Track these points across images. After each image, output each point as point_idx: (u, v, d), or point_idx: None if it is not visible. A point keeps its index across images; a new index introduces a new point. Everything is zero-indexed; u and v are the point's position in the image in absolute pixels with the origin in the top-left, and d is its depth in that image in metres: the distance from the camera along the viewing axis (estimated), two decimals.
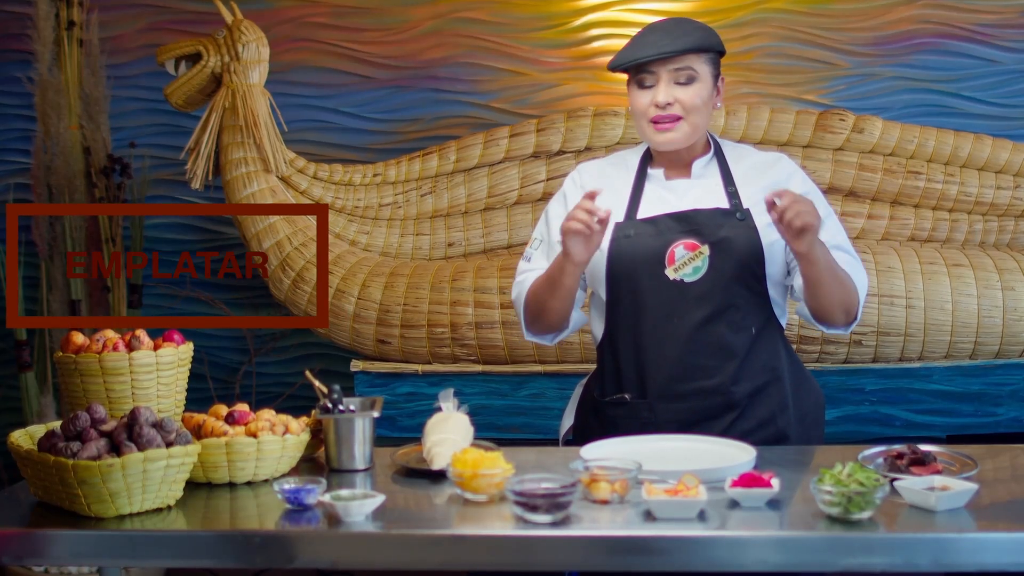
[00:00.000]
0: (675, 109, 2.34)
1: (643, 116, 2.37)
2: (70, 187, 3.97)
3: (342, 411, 2.18)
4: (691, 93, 2.35)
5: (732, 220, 2.34)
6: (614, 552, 1.79)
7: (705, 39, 2.37)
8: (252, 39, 3.62)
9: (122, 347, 2.19)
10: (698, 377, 2.30)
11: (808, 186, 2.44)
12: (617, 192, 2.44)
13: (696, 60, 2.36)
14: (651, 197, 2.42)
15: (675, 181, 2.44)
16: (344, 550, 1.83)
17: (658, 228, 2.35)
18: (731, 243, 2.32)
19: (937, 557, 1.74)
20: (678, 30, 2.36)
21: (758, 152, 2.52)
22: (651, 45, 2.33)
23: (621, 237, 2.36)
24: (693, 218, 2.34)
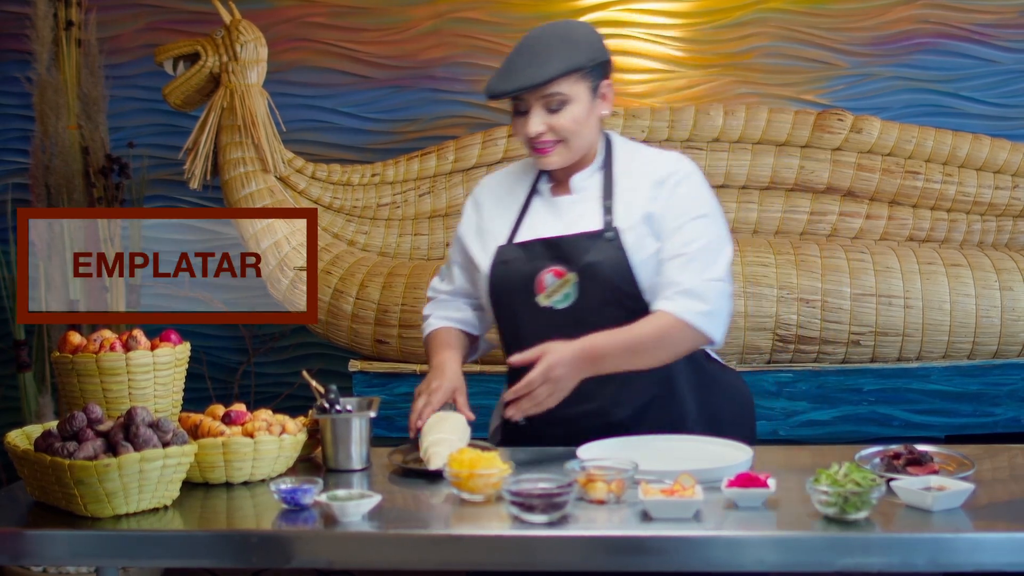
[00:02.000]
0: (548, 136, 2.27)
1: (522, 139, 2.31)
2: (68, 187, 3.97)
3: (339, 411, 2.18)
4: (564, 118, 2.26)
5: (600, 242, 2.26)
6: (610, 552, 1.78)
7: (570, 61, 2.24)
8: (250, 39, 3.62)
9: (119, 347, 2.19)
10: (579, 401, 2.23)
11: (687, 181, 2.32)
12: (506, 209, 2.40)
13: (565, 83, 2.24)
14: (533, 218, 2.36)
15: (559, 198, 2.37)
16: (340, 550, 1.83)
17: (529, 255, 2.30)
18: (598, 267, 2.25)
19: (933, 557, 1.74)
20: (544, 53, 2.23)
21: (651, 154, 2.41)
22: (516, 73, 2.23)
23: (499, 263, 2.33)
24: (559, 244, 2.28)
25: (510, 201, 2.41)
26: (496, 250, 2.34)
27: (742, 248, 3.50)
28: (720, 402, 2.40)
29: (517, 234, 2.35)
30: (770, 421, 3.40)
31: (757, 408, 3.37)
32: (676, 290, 2.23)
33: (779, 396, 3.40)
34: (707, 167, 3.72)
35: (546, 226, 2.34)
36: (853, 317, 3.41)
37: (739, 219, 3.72)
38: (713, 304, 2.24)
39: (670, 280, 2.24)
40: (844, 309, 3.40)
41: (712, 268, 2.26)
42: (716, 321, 2.25)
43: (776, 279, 3.41)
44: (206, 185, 3.70)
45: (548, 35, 2.28)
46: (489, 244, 2.37)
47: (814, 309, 3.40)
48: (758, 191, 3.75)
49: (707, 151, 3.74)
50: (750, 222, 3.72)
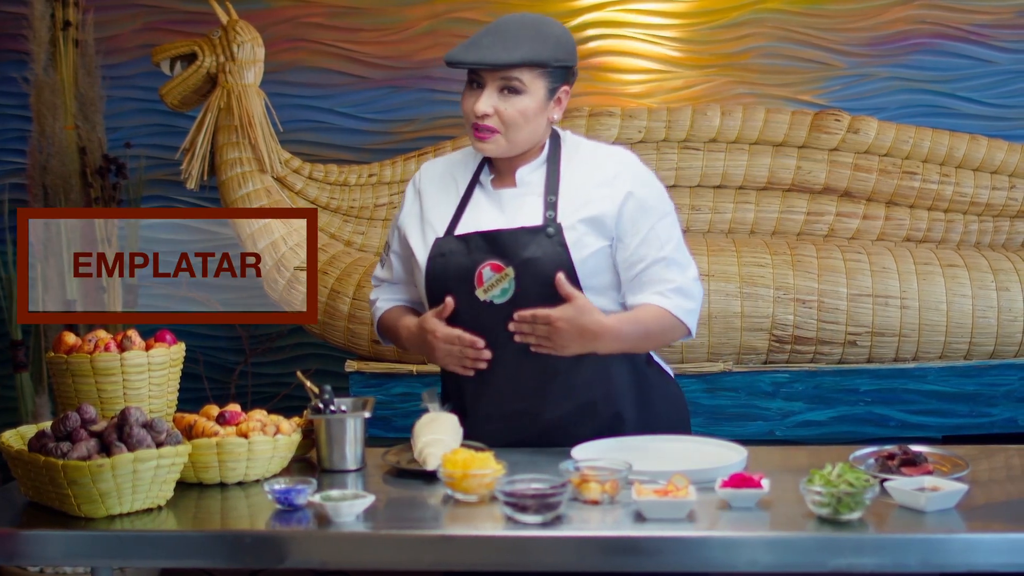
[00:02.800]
0: (492, 121, 2.26)
1: (467, 119, 2.31)
2: (66, 187, 3.97)
3: (333, 411, 2.18)
4: (514, 107, 2.25)
5: (540, 238, 2.26)
6: (604, 552, 1.79)
7: (536, 53, 2.24)
8: (247, 39, 3.62)
9: (114, 347, 2.19)
10: (514, 399, 2.25)
11: (639, 183, 2.33)
12: (447, 199, 2.39)
13: (526, 73, 2.24)
14: (473, 210, 2.35)
15: (501, 191, 2.36)
16: (333, 550, 1.83)
17: (468, 247, 2.29)
18: (537, 263, 2.24)
19: (926, 558, 1.74)
20: (514, 38, 2.24)
21: (594, 149, 2.40)
22: (482, 49, 2.23)
23: (436, 256, 2.32)
24: (498, 238, 2.27)
25: (451, 191, 2.40)
26: (434, 242, 2.34)
27: (738, 248, 3.50)
28: (657, 405, 2.41)
29: (457, 226, 2.34)
30: (766, 421, 3.40)
31: (754, 408, 3.41)
32: (669, 287, 2.31)
33: (775, 396, 3.40)
34: (704, 167, 3.72)
35: (487, 219, 2.33)
36: (850, 317, 3.41)
37: (736, 219, 3.72)
38: (696, 300, 2.36)
39: (661, 278, 2.31)
40: (840, 309, 3.40)
41: (690, 266, 2.37)
42: (696, 317, 2.38)
43: (772, 279, 3.41)
44: (203, 185, 3.69)
45: (522, 22, 2.30)
46: (428, 235, 2.36)
47: (810, 309, 3.40)
48: (755, 191, 3.75)
49: (704, 151, 3.74)
50: (747, 222, 3.72)
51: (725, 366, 3.40)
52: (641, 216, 2.30)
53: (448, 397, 2.40)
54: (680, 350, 3.40)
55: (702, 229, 3.72)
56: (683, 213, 3.73)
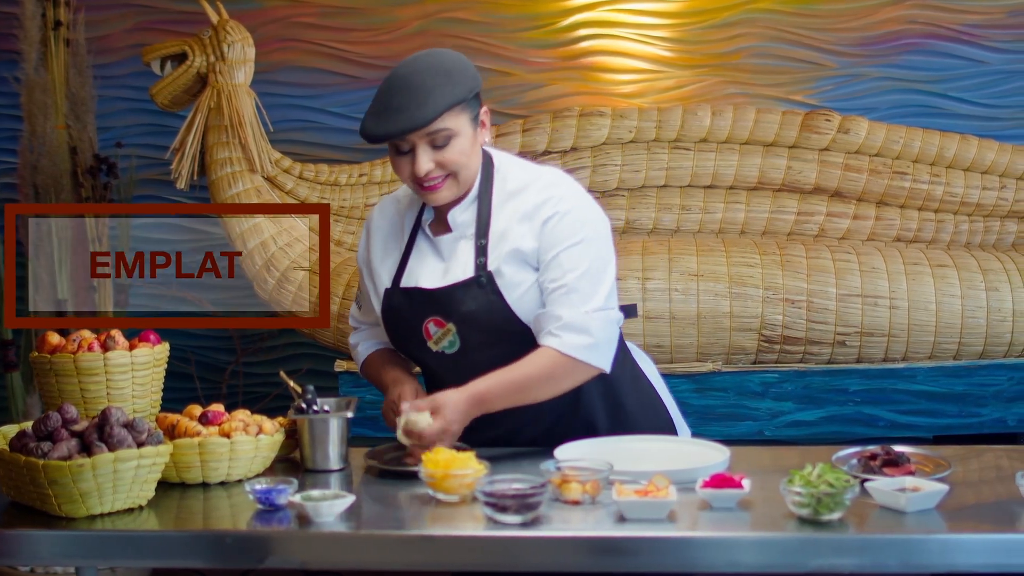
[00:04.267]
0: (436, 172, 2.19)
1: (409, 181, 2.23)
2: (56, 187, 3.97)
3: (316, 411, 2.18)
4: (452, 153, 2.18)
5: (474, 290, 2.22)
6: (584, 553, 1.79)
7: (452, 95, 2.15)
8: (237, 39, 3.62)
9: (97, 347, 2.19)
10: (485, 427, 2.22)
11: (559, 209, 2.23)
12: (393, 247, 2.36)
13: (449, 118, 2.16)
14: (416, 260, 2.32)
15: (439, 238, 2.30)
16: (313, 550, 1.83)
17: (412, 303, 2.27)
18: (475, 316, 2.21)
19: (906, 558, 1.74)
20: (424, 89, 2.14)
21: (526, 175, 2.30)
22: (397, 114, 2.13)
23: (387, 308, 2.31)
24: (437, 296, 2.24)
25: (396, 238, 2.36)
26: (384, 293, 2.32)
27: (727, 248, 3.51)
28: (630, 403, 2.37)
29: (402, 277, 2.31)
30: (756, 422, 3.40)
31: (743, 408, 3.41)
32: (558, 325, 2.18)
33: (765, 396, 3.40)
34: (694, 167, 3.72)
35: (426, 271, 2.29)
36: (839, 317, 3.41)
37: (726, 219, 3.72)
38: (596, 336, 2.19)
39: (552, 314, 2.19)
40: (830, 309, 3.41)
41: (593, 298, 2.21)
42: (601, 352, 2.21)
43: (761, 279, 3.42)
44: (193, 185, 3.70)
45: (423, 70, 2.17)
46: (379, 285, 2.34)
47: (800, 309, 3.41)
48: (745, 191, 3.75)
49: (695, 151, 3.74)
50: (737, 222, 3.72)
51: (714, 366, 3.40)
52: (552, 243, 2.22)
53: None
54: (669, 350, 3.41)
55: (692, 229, 3.73)
56: (673, 213, 3.73)
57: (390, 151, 2.22)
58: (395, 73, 2.19)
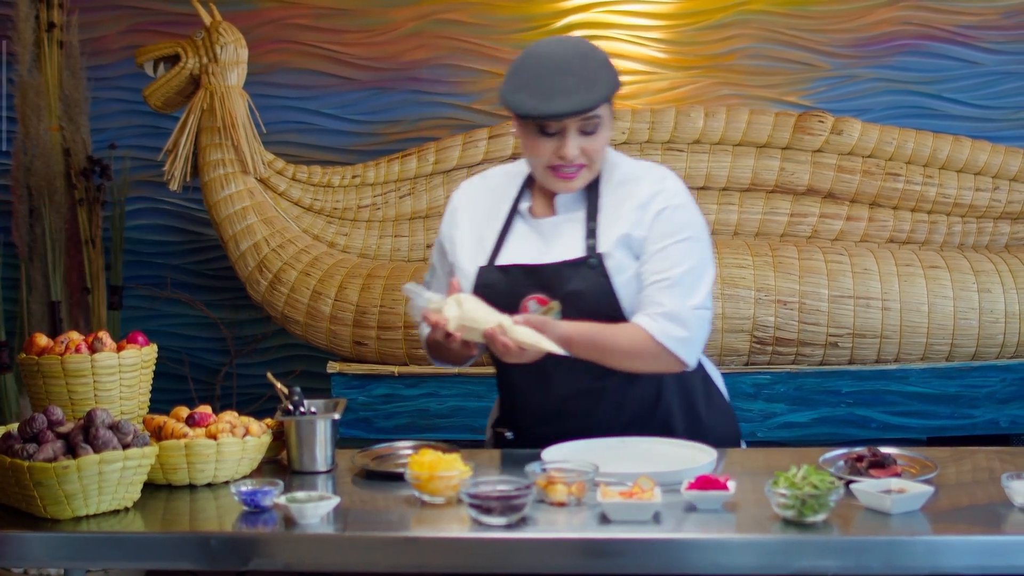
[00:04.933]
0: (580, 159, 2.20)
1: (543, 163, 2.22)
2: (50, 188, 3.98)
3: (303, 413, 2.18)
4: (598, 142, 2.21)
5: (583, 270, 2.22)
6: (568, 554, 1.78)
7: (612, 83, 2.20)
8: (230, 41, 3.62)
9: (84, 349, 2.19)
10: (562, 421, 2.23)
11: (672, 203, 2.27)
12: (488, 226, 2.34)
13: (603, 106, 2.20)
14: (514, 239, 2.31)
15: (541, 220, 2.30)
16: (298, 552, 1.82)
17: (511, 280, 2.25)
18: (581, 296, 2.21)
19: (889, 560, 1.73)
20: (591, 75, 2.17)
21: (632, 168, 2.34)
22: (563, 95, 2.14)
23: (481, 285, 2.28)
24: (541, 272, 2.24)
25: (491, 217, 2.34)
26: (478, 271, 2.30)
27: (720, 250, 3.50)
28: (702, 408, 2.38)
29: (498, 256, 2.30)
30: (748, 423, 3.39)
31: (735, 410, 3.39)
32: (659, 311, 2.20)
33: (757, 398, 3.40)
34: (687, 169, 3.72)
35: (528, 249, 2.28)
36: (831, 319, 3.41)
37: (719, 221, 3.72)
38: (692, 332, 2.22)
39: (654, 300, 2.21)
40: (822, 311, 3.41)
41: (695, 295, 2.24)
42: (692, 348, 2.24)
43: (753, 281, 3.42)
44: (186, 187, 3.70)
45: (582, 55, 2.20)
46: (471, 262, 2.32)
47: (791, 311, 3.40)
48: (738, 193, 3.75)
49: (688, 153, 3.74)
50: (730, 224, 3.72)
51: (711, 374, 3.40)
52: (661, 235, 2.24)
53: (504, 415, 2.39)
54: None
55: None
56: None
57: (528, 132, 2.21)
58: (547, 54, 2.19)
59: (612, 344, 2.20)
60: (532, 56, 2.22)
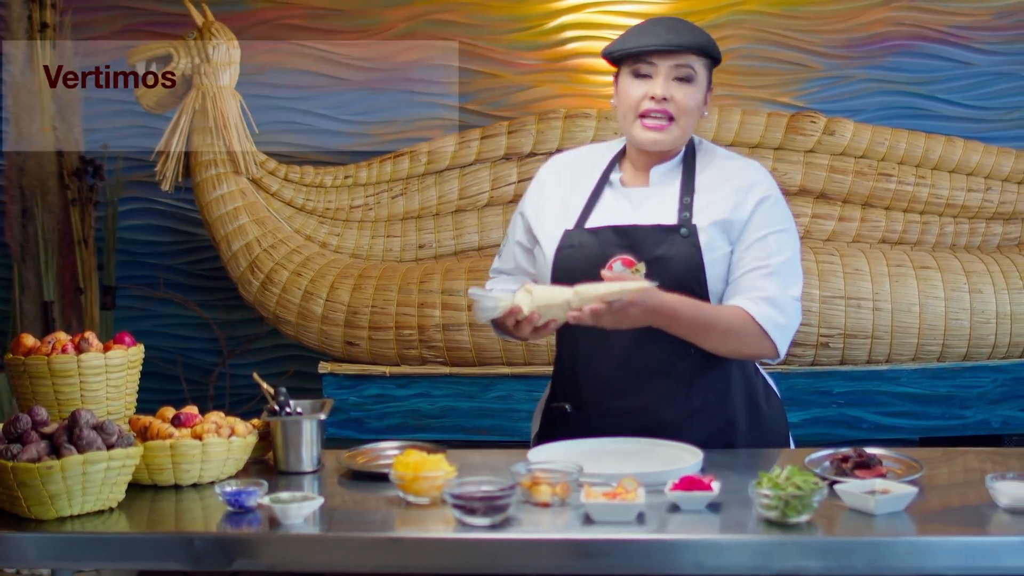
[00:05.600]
0: (669, 107, 2.23)
1: (633, 109, 2.25)
2: (43, 188, 3.98)
3: (289, 413, 2.18)
4: (688, 93, 2.24)
5: (674, 237, 2.23)
6: (551, 555, 1.78)
7: (708, 42, 2.29)
8: (222, 41, 3.62)
9: (71, 349, 2.18)
10: (630, 396, 2.24)
11: (771, 194, 2.32)
12: (576, 193, 2.36)
13: (697, 61, 2.25)
14: (604, 206, 2.32)
15: (632, 189, 2.33)
16: (281, 552, 1.82)
17: (599, 241, 2.25)
18: (669, 262, 2.22)
19: (872, 561, 1.73)
20: (682, 27, 2.27)
21: (729, 157, 2.39)
22: (656, 35, 2.23)
23: (565, 247, 2.29)
24: (632, 233, 2.25)
25: (580, 186, 2.36)
26: (564, 234, 2.29)
27: None
28: (765, 416, 2.38)
29: (587, 220, 2.30)
30: None
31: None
32: (760, 295, 2.21)
33: None
34: None
35: (619, 214, 2.29)
36: (822, 319, 3.41)
37: None
38: (790, 319, 2.24)
39: (754, 285, 2.23)
40: (813, 311, 3.40)
41: (794, 285, 2.27)
42: (787, 336, 2.25)
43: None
44: (178, 187, 3.70)
45: (690, 23, 2.31)
46: (557, 227, 2.31)
47: None
48: None
49: None
50: None
51: None
52: (761, 224, 2.26)
53: (555, 388, 2.39)
54: None
55: None
56: None
57: (625, 78, 2.27)
58: (654, 18, 2.34)
59: (714, 320, 2.20)
60: (642, 21, 2.32)
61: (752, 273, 2.24)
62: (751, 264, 2.24)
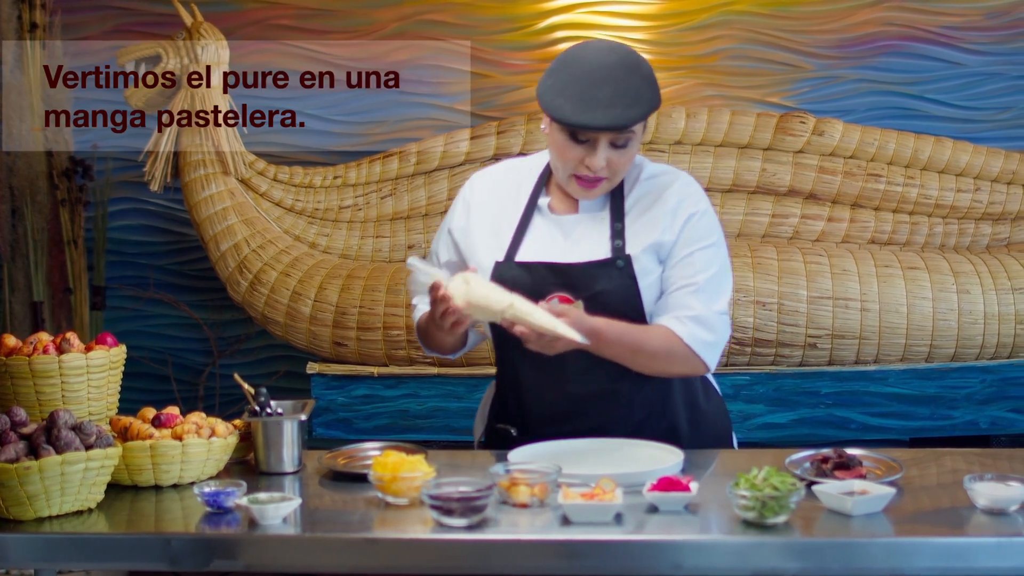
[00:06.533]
0: (604, 172, 2.18)
1: (568, 167, 2.19)
2: (32, 188, 3.98)
3: (269, 414, 2.18)
4: (625, 156, 2.18)
5: (610, 271, 2.22)
6: (529, 556, 1.78)
7: (653, 102, 2.17)
8: (211, 41, 3.62)
9: (52, 350, 2.19)
10: (573, 419, 2.23)
11: (699, 208, 2.27)
12: (505, 220, 2.30)
13: (639, 123, 2.17)
14: (535, 235, 2.27)
15: (562, 216, 2.27)
16: (259, 553, 1.82)
17: (533, 277, 2.21)
18: (606, 296, 2.20)
19: (848, 562, 1.73)
20: (633, 92, 2.12)
21: (656, 173, 2.31)
22: (604, 109, 2.10)
23: (498, 280, 2.22)
24: (568, 271, 2.22)
25: (507, 211, 2.31)
26: (495, 266, 2.26)
27: None
28: (704, 408, 2.39)
29: (518, 251, 2.26)
30: None
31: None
32: (687, 314, 2.21)
33: (736, 399, 3.40)
34: None
35: (551, 247, 2.26)
36: (810, 320, 3.41)
37: None
38: (718, 336, 2.24)
39: (681, 303, 2.22)
40: (800, 312, 3.40)
41: (719, 299, 2.26)
42: (715, 352, 2.26)
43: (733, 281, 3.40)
44: (167, 187, 3.70)
45: (628, 67, 2.15)
46: (487, 256, 2.28)
47: (770, 312, 3.40)
48: (720, 193, 3.75)
49: (669, 153, 3.74)
50: None
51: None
52: (689, 240, 2.25)
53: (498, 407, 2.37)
54: None
55: None
56: None
57: (560, 135, 2.17)
58: (591, 60, 2.14)
59: (641, 343, 2.20)
60: (576, 59, 2.16)
61: (679, 292, 2.23)
62: (678, 282, 2.23)
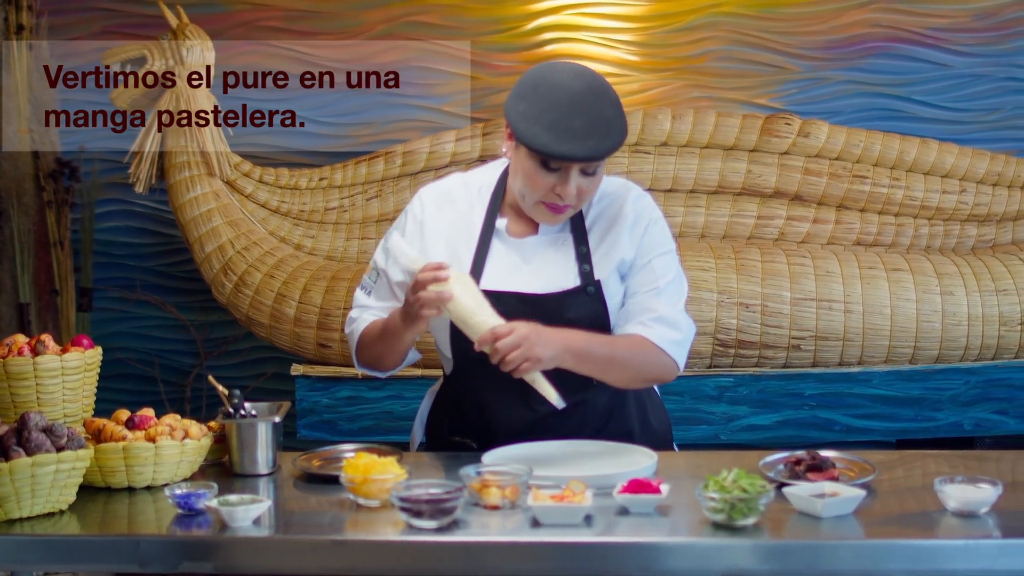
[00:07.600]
0: (571, 199, 2.17)
1: (536, 194, 2.17)
2: (19, 190, 3.98)
3: (243, 416, 2.18)
4: (595, 183, 2.18)
5: (581, 298, 2.22)
6: (498, 558, 1.78)
7: (624, 131, 2.16)
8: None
9: (27, 352, 2.19)
10: (535, 434, 2.21)
11: (652, 217, 2.29)
12: (461, 243, 2.26)
13: None
14: (496, 261, 2.24)
15: (521, 240, 2.25)
16: (228, 555, 1.82)
17: (503, 307, 2.14)
18: (577, 324, 2.18)
19: (816, 564, 1.73)
20: (606, 122, 2.11)
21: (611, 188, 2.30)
22: (580, 140, 2.08)
23: None
24: (540, 302, 2.20)
25: (462, 235, 2.27)
26: None
27: (682, 252, 3.49)
28: (651, 412, 2.40)
29: (482, 279, 2.23)
30: (711, 426, 3.39)
31: (698, 412, 3.40)
32: (652, 316, 2.21)
33: (720, 401, 3.40)
34: (655, 171, 3.72)
35: (514, 274, 2.23)
36: (793, 321, 3.40)
37: (686, 223, 3.71)
38: (684, 333, 2.25)
39: (644, 307, 2.22)
40: (784, 313, 3.40)
41: (680, 301, 2.28)
42: (684, 350, 2.26)
43: (716, 283, 3.41)
44: (153, 188, 3.70)
45: (598, 94, 2.13)
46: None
47: (754, 313, 3.40)
48: (706, 195, 3.75)
49: (655, 155, 3.74)
50: (697, 226, 3.72)
51: None
52: (647, 250, 2.27)
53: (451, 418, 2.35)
54: None
55: None
56: None
57: (530, 161, 2.14)
58: (563, 88, 2.11)
59: (619, 355, 2.19)
60: (546, 84, 2.13)
61: (641, 296, 2.24)
62: (640, 288, 2.25)
